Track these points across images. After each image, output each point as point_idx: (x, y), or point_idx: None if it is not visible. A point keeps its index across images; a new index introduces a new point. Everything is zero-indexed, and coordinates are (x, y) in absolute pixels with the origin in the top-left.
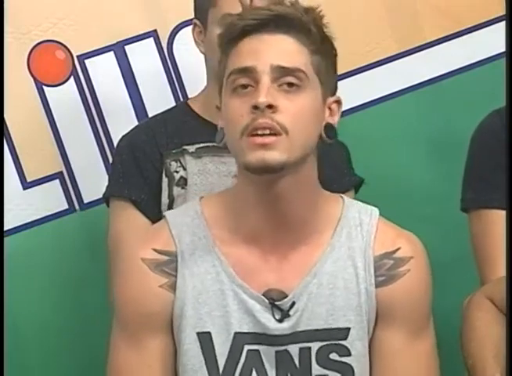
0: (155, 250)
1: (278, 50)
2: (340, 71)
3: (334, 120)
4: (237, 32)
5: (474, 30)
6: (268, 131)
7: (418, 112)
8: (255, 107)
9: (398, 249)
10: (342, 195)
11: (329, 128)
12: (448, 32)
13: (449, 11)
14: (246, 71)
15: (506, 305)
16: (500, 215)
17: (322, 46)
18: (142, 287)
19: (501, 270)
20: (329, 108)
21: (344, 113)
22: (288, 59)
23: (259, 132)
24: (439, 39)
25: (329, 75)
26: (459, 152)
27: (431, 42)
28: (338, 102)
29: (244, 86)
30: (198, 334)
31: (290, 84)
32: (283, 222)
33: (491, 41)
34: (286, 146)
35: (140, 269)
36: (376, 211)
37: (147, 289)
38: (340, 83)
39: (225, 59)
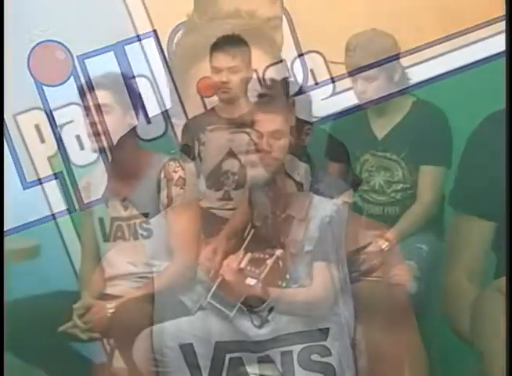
0: None
1: None
2: (340, 71)
3: None
4: None
5: (474, 30)
6: None
7: None
8: None
9: (369, 244)
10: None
11: None
12: (448, 32)
13: (449, 11)
14: None
15: (506, 305)
16: (480, 224)
17: None
18: None
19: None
20: None
21: (346, 113)
22: None
23: None
24: (439, 39)
25: None
26: (459, 152)
27: (431, 42)
28: None
29: None
30: (180, 345)
31: None
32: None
33: (491, 41)
34: None
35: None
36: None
37: None
38: (340, 82)
39: None
